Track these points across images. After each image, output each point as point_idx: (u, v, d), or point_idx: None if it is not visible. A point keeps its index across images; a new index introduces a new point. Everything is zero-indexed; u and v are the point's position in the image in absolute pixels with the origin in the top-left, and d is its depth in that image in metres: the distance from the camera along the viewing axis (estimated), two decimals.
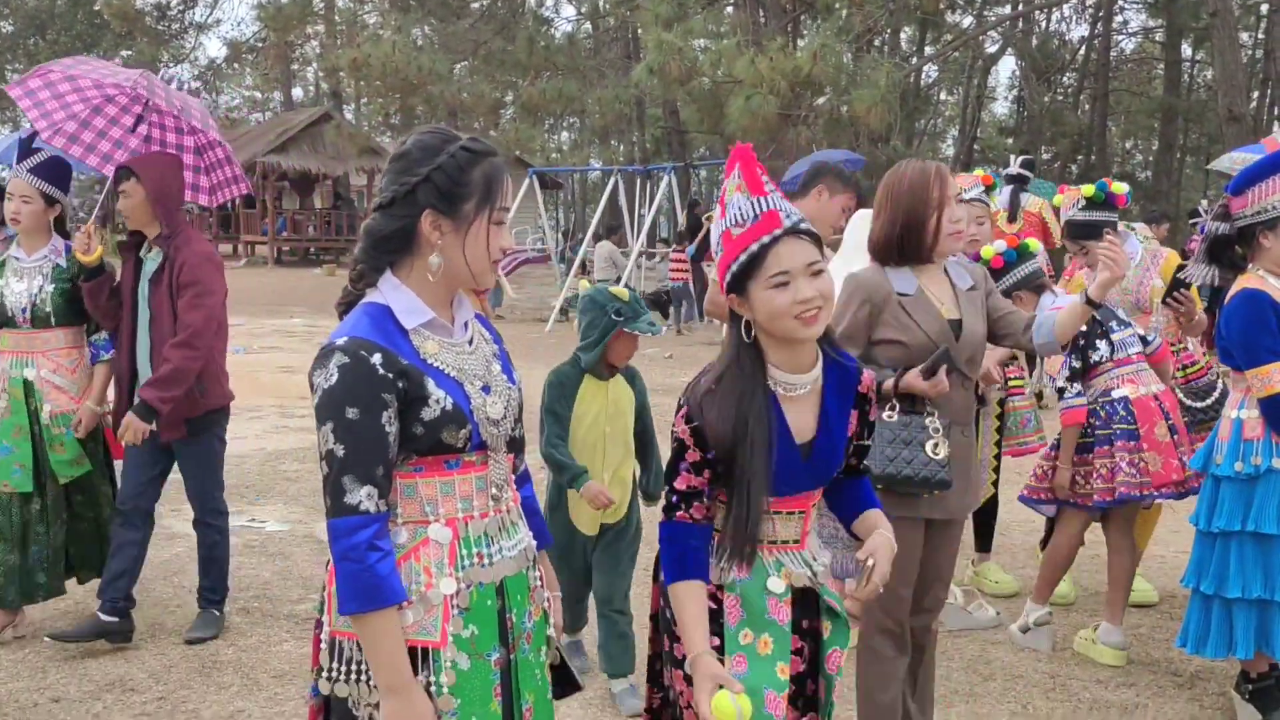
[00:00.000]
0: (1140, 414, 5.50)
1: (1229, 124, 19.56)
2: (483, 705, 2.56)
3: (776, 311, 2.81)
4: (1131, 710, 4.98)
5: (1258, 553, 4.56)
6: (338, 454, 2.44)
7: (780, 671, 2.93)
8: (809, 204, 6.08)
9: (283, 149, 38.75)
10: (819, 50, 20.10)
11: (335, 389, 2.44)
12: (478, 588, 2.58)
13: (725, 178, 2.96)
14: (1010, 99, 48.08)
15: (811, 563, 3.02)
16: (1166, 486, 5.46)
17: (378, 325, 2.53)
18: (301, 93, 61.71)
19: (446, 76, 26.46)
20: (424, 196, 2.55)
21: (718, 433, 2.84)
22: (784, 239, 2.83)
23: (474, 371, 2.61)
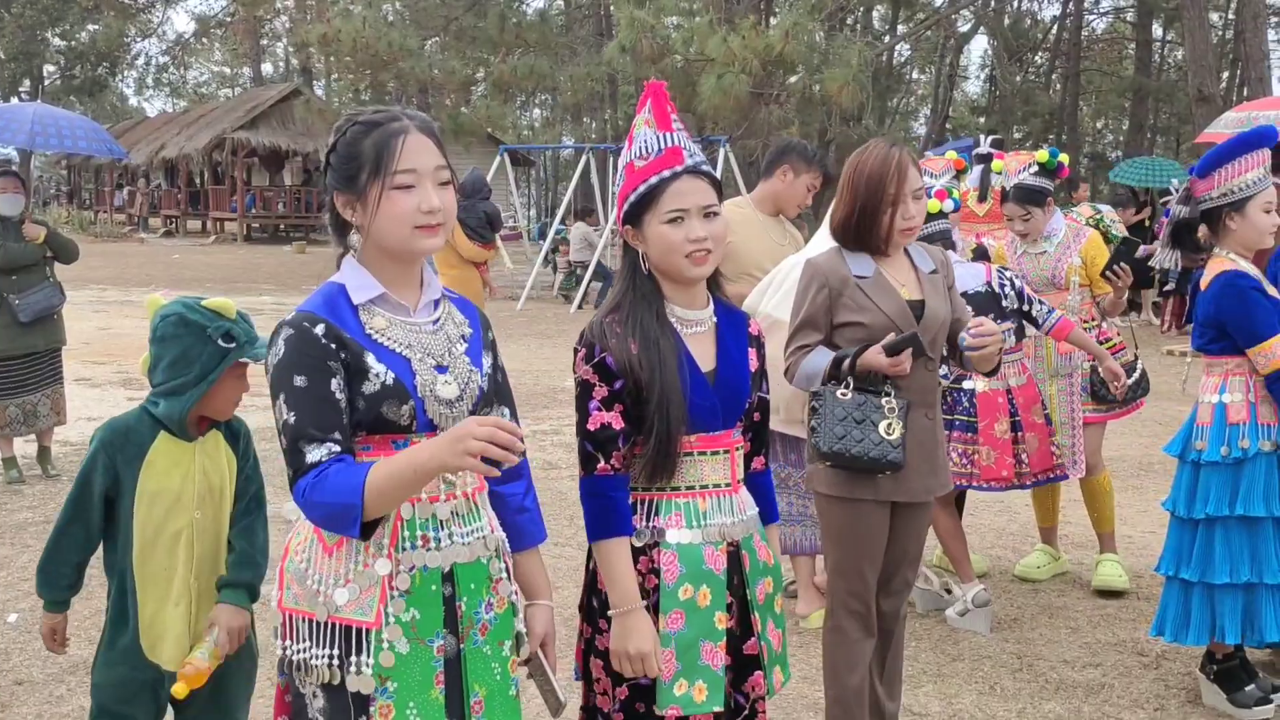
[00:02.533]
0: (982, 408, 5.70)
1: (1199, 104, 19.62)
2: (422, 692, 2.53)
3: (669, 247, 2.87)
4: (1097, 690, 5.00)
5: (1244, 536, 4.56)
6: (291, 421, 2.42)
7: (719, 621, 2.96)
8: (775, 184, 6.08)
9: (252, 125, 38.52)
10: (791, 29, 20.06)
11: (283, 361, 2.45)
12: (421, 571, 2.54)
13: (637, 113, 3.00)
14: (982, 78, 48.20)
15: (742, 512, 3.04)
16: (996, 480, 5.71)
17: (328, 301, 2.53)
18: (271, 68, 61.35)
19: (417, 53, 26.27)
20: (330, 180, 2.57)
21: (624, 358, 2.86)
22: (684, 176, 2.89)
23: (428, 349, 2.58)
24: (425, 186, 2.52)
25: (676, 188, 2.88)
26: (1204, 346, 4.71)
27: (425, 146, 2.54)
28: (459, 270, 10.80)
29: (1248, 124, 9.75)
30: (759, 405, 3.14)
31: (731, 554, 3.01)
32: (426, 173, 2.52)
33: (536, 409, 11.07)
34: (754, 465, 3.18)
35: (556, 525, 7.23)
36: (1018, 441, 5.72)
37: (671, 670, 2.91)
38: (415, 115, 2.59)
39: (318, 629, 2.52)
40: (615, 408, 2.89)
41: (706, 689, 2.92)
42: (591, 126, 40.18)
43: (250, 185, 40.26)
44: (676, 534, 2.94)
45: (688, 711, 2.92)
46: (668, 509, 2.96)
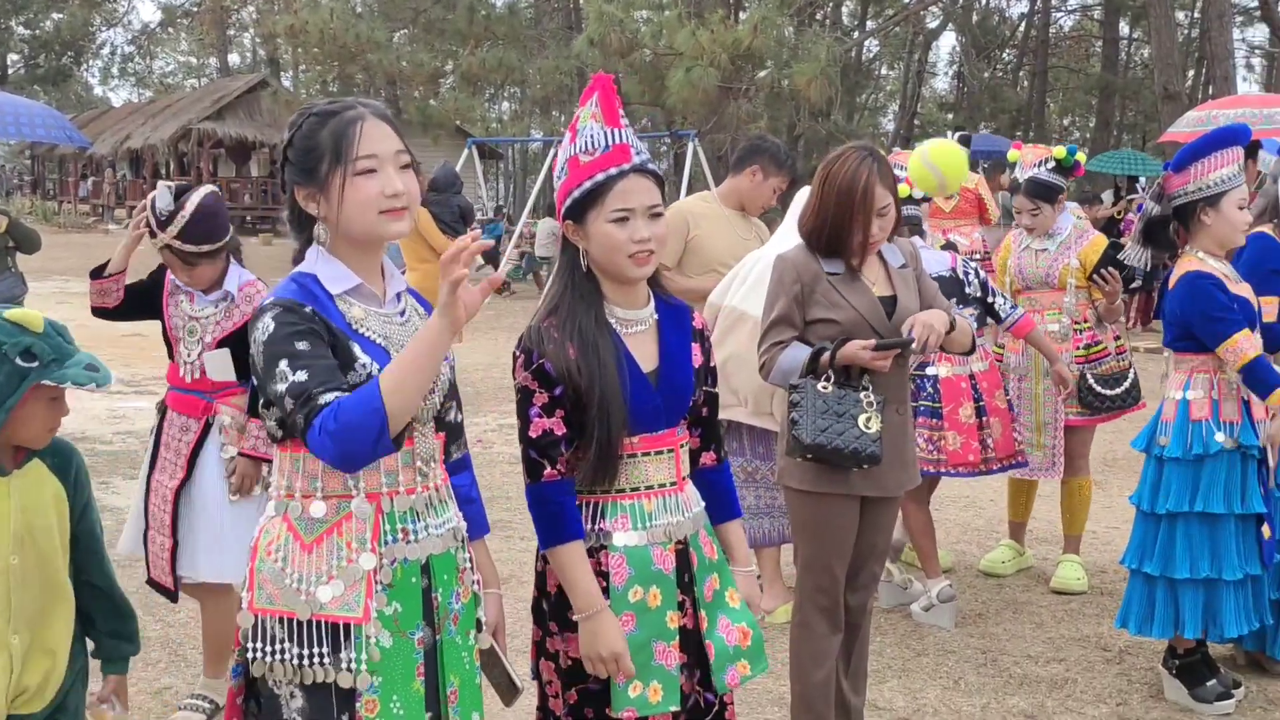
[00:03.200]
0: (946, 393, 5.72)
1: (1165, 102, 19.74)
2: (405, 684, 2.53)
3: (614, 246, 2.84)
4: (1061, 684, 5.02)
5: (1205, 532, 4.60)
6: (300, 379, 2.37)
7: (670, 621, 2.94)
8: (742, 182, 6.06)
9: (218, 116, 38.28)
10: (760, 23, 20.08)
11: (277, 333, 2.42)
12: (402, 564, 2.54)
13: (581, 105, 2.94)
14: (950, 74, 48.34)
15: (687, 510, 3.01)
16: (963, 465, 5.73)
17: (306, 289, 2.51)
18: (238, 59, 60.99)
19: (385, 44, 26.18)
20: (289, 175, 2.55)
21: (562, 363, 2.83)
22: (631, 175, 2.85)
23: (401, 341, 2.57)
24: (387, 170, 2.50)
25: (623, 186, 2.84)
26: (1171, 343, 4.75)
27: (383, 132, 2.53)
28: (431, 264, 10.76)
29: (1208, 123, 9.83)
30: (706, 400, 3.11)
31: (680, 552, 2.99)
32: (387, 157, 2.51)
33: (504, 403, 11.04)
34: (705, 461, 3.16)
35: (523, 520, 7.20)
36: (983, 426, 5.73)
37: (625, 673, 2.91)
38: (370, 103, 2.58)
39: (298, 628, 2.49)
40: (556, 413, 2.86)
41: (662, 689, 2.91)
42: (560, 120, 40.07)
43: (216, 176, 39.98)
44: (623, 536, 2.92)
45: (644, 713, 2.90)
46: (613, 511, 2.93)
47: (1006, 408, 5.85)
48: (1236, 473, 4.59)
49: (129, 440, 9.10)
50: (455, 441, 2.83)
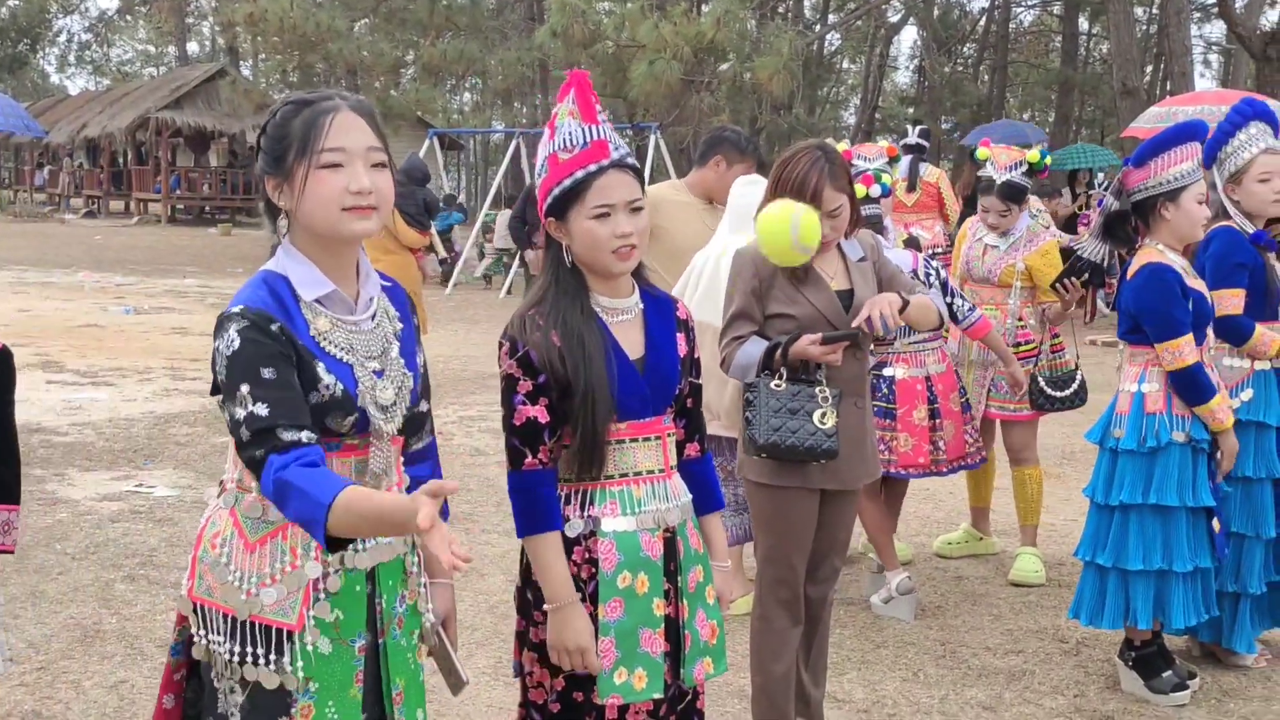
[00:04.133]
0: (901, 395, 5.77)
1: (1123, 97, 19.87)
2: (342, 690, 2.51)
3: (595, 242, 2.84)
4: (1019, 676, 5.05)
5: (1158, 525, 4.64)
6: (260, 413, 2.32)
7: (657, 608, 2.95)
8: (708, 173, 6.07)
9: (177, 105, 38.00)
10: (722, 16, 20.07)
11: (243, 353, 2.35)
12: (348, 573, 2.51)
13: (558, 102, 2.93)
14: (911, 69, 48.52)
15: (677, 498, 3.02)
16: (913, 467, 5.78)
17: (276, 295, 2.44)
18: (197, 47, 60.51)
19: (346, 34, 26.01)
20: (260, 165, 2.50)
21: (545, 352, 2.84)
22: (610, 170, 2.85)
23: (368, 352, 2.52)
24: (355, 166, 2.42)
25: (603, 182, 2.84)
26: (1125, 335, 4.80)
27: (357, 125, 2.45)
28: (396, 255, 10.73)
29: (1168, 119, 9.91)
30: (691, 391, 3.12)
31: (668, 540, 3.00)
32: (357, 152, 2.43)
33: (464, 395, 11.01)
34: (689, 452, 3.16)
35: (484, 512, 7.20)
36: (935, 429, 5.79)
37: (611, 659, 2.90)
38: (350, 96, 2.52)
39: (236, 626, 2.47)
40: (540, 401, 2.86)
41: (646, 676, 2.91)
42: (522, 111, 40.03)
43: (175, 166, 39.72)
44: (613, 522, 2.92)
45: (628, 700, 2.91)
46: (602, 497, 2.93)
47: (960, 410, 5.91)
48: (1189, 466, 4.63)
49: (85, 431, 9.02)
50: (416, 433, 2.78)
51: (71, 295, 17.75)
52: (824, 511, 4.06)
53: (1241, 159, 4.95)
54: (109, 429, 9.16)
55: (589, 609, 2.91)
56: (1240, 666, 5.13)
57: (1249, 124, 5.01)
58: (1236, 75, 25.66)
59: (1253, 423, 4.95)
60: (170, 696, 2.64)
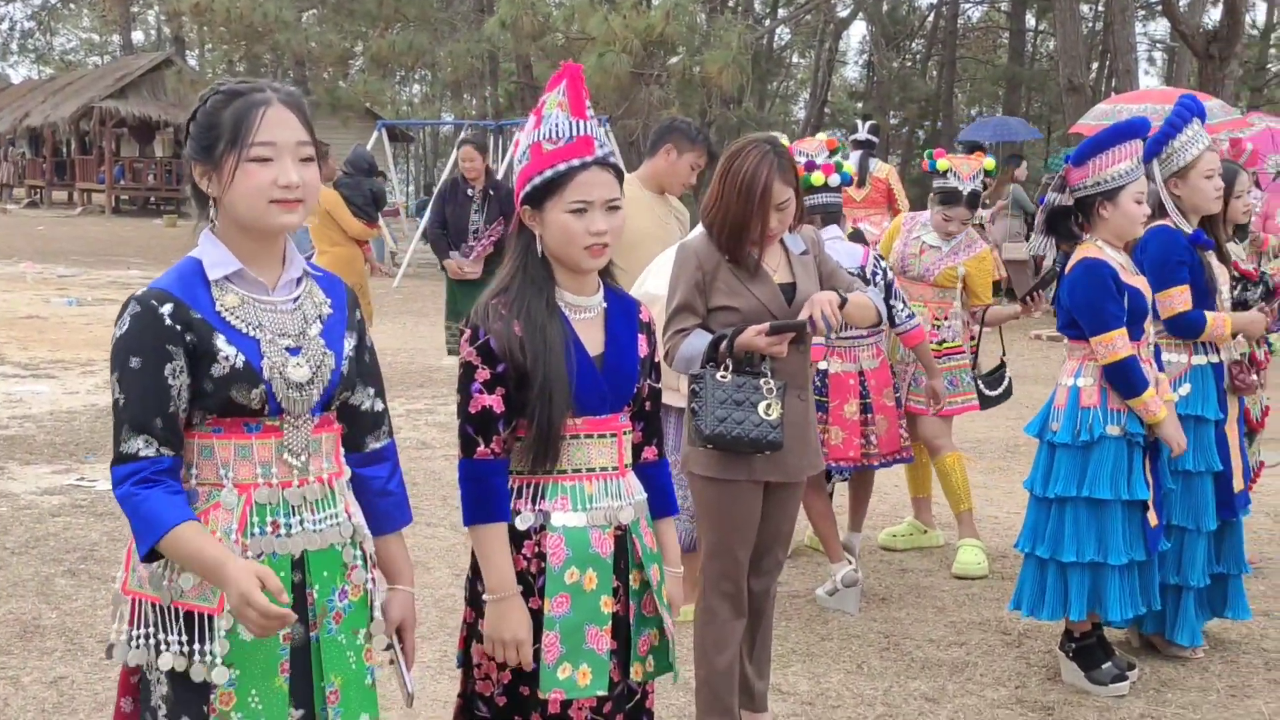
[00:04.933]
0: (834, 389, 5.81)
1: (1069, 94, 20.04)
2: (266, 679, 2.49)
3: (569, 237, 2.86)
4: (962, 668, 5.10)
5: (1091, 517, 4.70)
6: (120, 404, 2.41)
7: (604, 605, 2.95)
8: (659, 162, 6.09)
9: (121, 94, 37.57)
10: (672, 9, 20.09)
11: (122, 338, 2.43)
12: (270, 558, 2.50)
13: (548, 91, 2.94)
14: (860, 64, 48.69)
15: (630, 496, 3.02)
16: (843, 460, 5.83)
17: (183, 277, 2.49)
18: (142, 36, 59.83)
19: (293, 24, 25.83)
20: (188, 151, 2.51)
21: (506, 341, 2.84)
22: (593, 167, 2.87)
23: (281, 330, 2.52)
24: (284, 161, 2.45)
25: (584, 178, 2.86)
26: (1064, 329, 4.86)
27: (287, 120, 2.47)
28: (343, 248, 10.67)
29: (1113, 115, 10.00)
30: (650, 394, 3.12)
31: (619, 538, 3.00)
32: (286, 147, 2.45)
33: (411, 388, 10.97)
34: (647, 456, 3.16)
35: (429, 505, 7.18)
36: (867, 423, 5.84)
37: (555, 654, 2.90)
38: (281, 88, 2.52)
39: (163, 613, 2.47)
40: (497, 391, 2.86)
41: (590, 673, 2.91)
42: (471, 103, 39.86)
43: (119, 156, 39.27)
44: (563, 517, 2.92)
45: (571, 695, 2.91)
46: (554, 492, 2.93)
47: (894, 405, 5.97)
48: (1124, 459, 4.69)
49: (25, 425, 8.92)
50: (371, 432, 2.75)
51: (13, 286, 17.54)
52: (768, 504, 4.07)
53: (1189, 155, 5.02)
54: (50, 422, 9.06)
55: (537, 603, 2.91)
56: (1178, 657, 5.20)
57: (1193, 121, 5.08)
58: (1179, 73, 25.92)
59: (1191, 417, 5.02)
60: (129, 700, 2.62)
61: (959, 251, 6.39)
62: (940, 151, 6.60)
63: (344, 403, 2.67)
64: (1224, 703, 4.82)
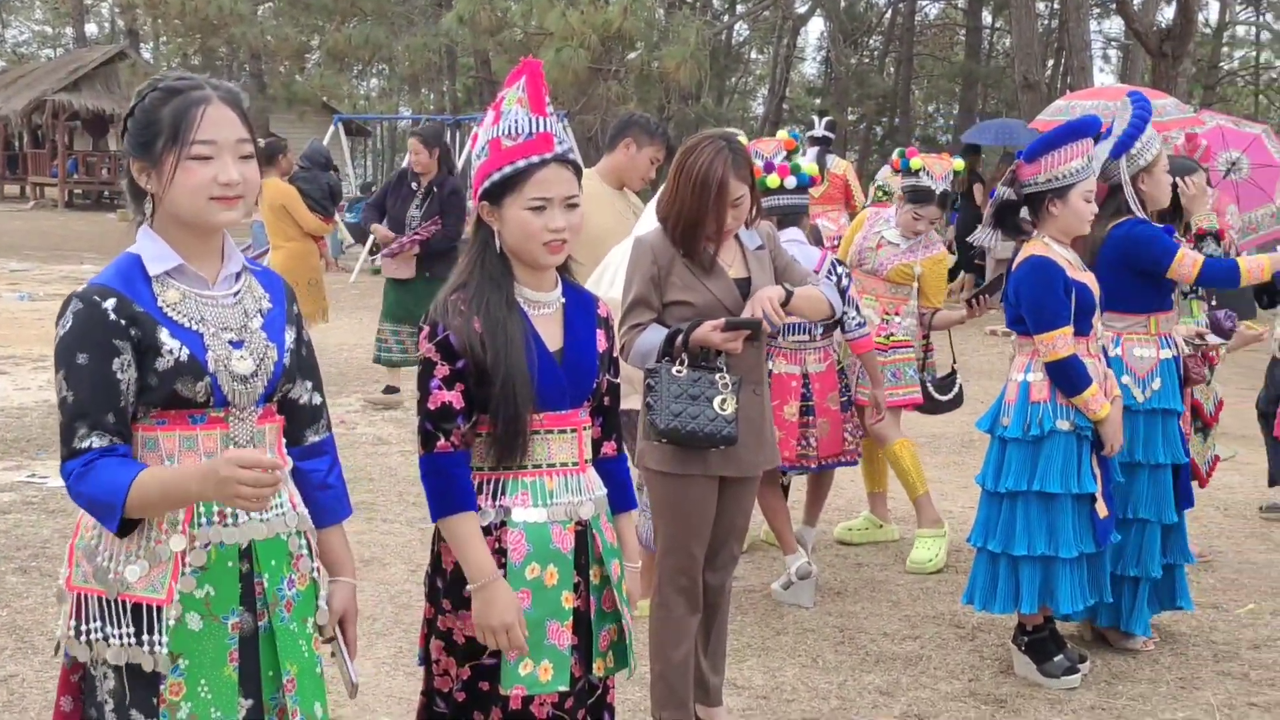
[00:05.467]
0: (775, 389, 5.71)
1: (1024, 91, 20.17)
2: (214, 669, 2.51)
3: (528, 234, 2.87)
4: (916, 661, 5.13)
5: (1042, 511, 4.74)
6: (69, 400, 2.41)
7: (565, 601, 2.96)
8: (618, 157, 6.09)
9: (75, 87, 37.14)
10: (630, 5, 20.06)
11: (67, 335, 2.43)
12: (217, 547, 2.51)
13: (506, 87, 2.95)
14: (818, 60, 48.83)
15: (590, 492, 3.04)
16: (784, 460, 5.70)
17: (123, 272, 2.50)
18: (96, 29, 59.19)
19: (249, 18, 25.62)
20: (126, 145, 2.52)
21: (465, 337, 2.84)
22: (552, 164, 2.88)
23: (223, 324, 2.54)
24: (224, 159, 2.48)
25: (543, 175, 2.87)
26: (1012, 325, 4.91)
27: (227, 118, 2.49)
28: (298, 243, 10.58)
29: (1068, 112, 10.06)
30: (608, 389, 3.13)
31: (580, 534, 3.01)
32: (226, 145, 2.48)
33: (367, 384, 10.91)
34: (605, 451, 3.17)
35: (385, 501, 7.16)
36: (807, 425, 5.86)
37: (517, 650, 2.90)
38: (220, 85, 2.54)
39: (108, 607, 2.48)
40: (456, 387, 2.86)
41: (552, 668, 2.93)
42: (429, 97, 39.69)
43: (72, 150, 38.86)
44: (523, 513, 2.93)
45: (533, 691, 2.91)
46: (514, 488, 2.94)
47: (839, 409, 5.98)
48: (1073, 454, 4.74)
49: None
50: (311, 426, 2.79)
51: None
52: (723, 499, 4.09)
53: (1154, 150, 5.10)
54: (1, 418, 8.97)
55: None
56: (1129, 650, 5.25)
57: (1153, 118, 5.17)
58: (1133, 71, 26.14)
59: (1160, 410, 5.09)
60: (68, 699, 2.62)
61: (916, 250, 6.43)
62: (913, 150, 6.63)
63: (284, 396, 2.70)
64: (1174, 694, 4.87)
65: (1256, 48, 41.42)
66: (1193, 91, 26.97)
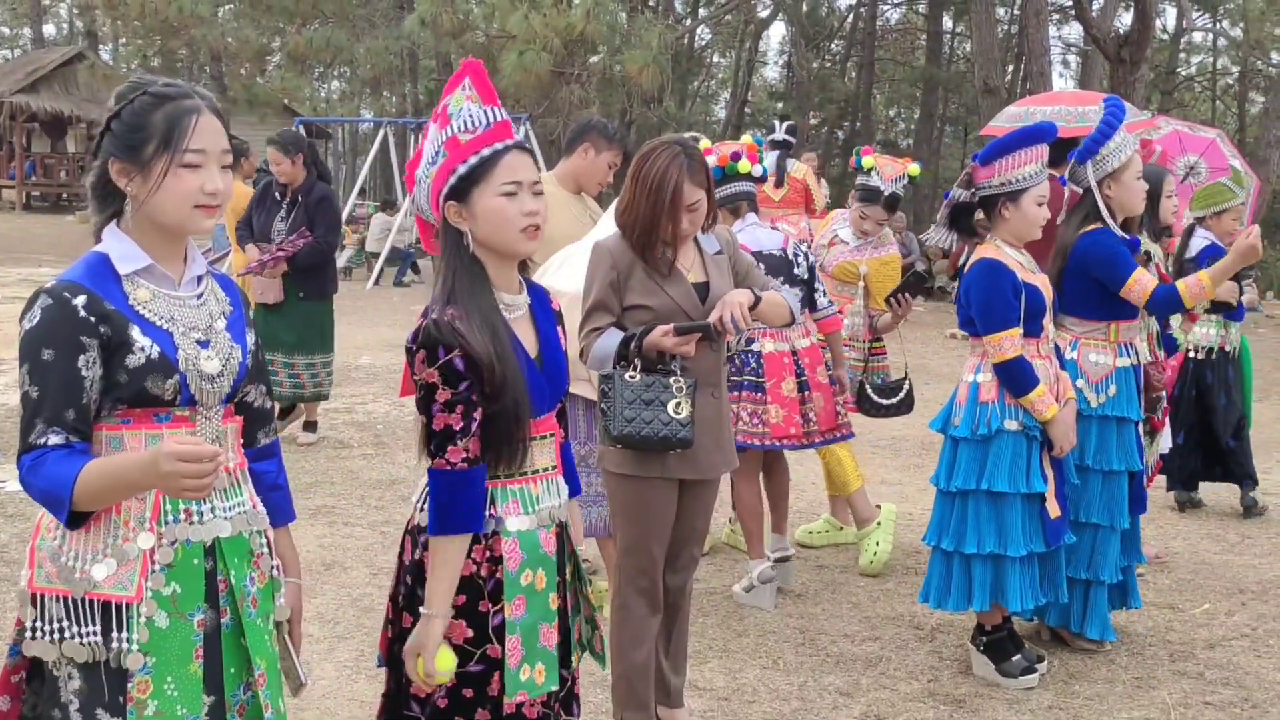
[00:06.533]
0: (769, 368, 5.78)
1: (985, 96, 20.31)
2: (181, 666, 2.53)
3: (505, 220, 2.86)
4: (876, 662, 5.16)
5: (991, 510, 4.79)
6: (32, 395, 2.43)
7: (552, 602, 3.00)
8: (576, 161, 6.10)
9: (33, 89, 36.83)
10: (592, 8, 20.08)
11: (34, 330, 2.44)
12: (184, 545, 2.54)
13: (447, 94, 2.94)
14: (780, 64, 48.96)
15: (563, 494, 3.09)
16: (785, 438, 5.78)
17: (93, 270, 2.51)
18: (54, 30, 58.72)
19: (210, 19, 25.49)
20: (107, 145, 2.53)
21: (477, 356, 2.80)
22: (515, 150, 2.89)
23: (191, 324, 2.58)
24: (211, 168, 2.53)
25: (510, 160, 2.87)
26: (964, 326, 4.96)
27: (215, 128, 2.55)
28: None
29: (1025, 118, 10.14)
30: None
31: (559, 535, 3.05)
32: (214, 155, 2.54)
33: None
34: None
35: (347, 505, 7.14)
36: (804, 400, 5.85)
37: (519, 657, 2.92)
38: (206, 95, 2.58)
39: (74, 606, 2.49)
40: (457, 409, 2.82)
41: (545, 670, 2.97)
42: (391, 100, 39.62)
43: (30, 152, 38.55)
44: (516, 521, 2.95)
45: (532, 695, 2.95)
46: (504, 496, 2.95)
47: (828, 382, 5.99)
48: (1022, 453, 4.79)
49: None
50: (263, 429, 2.84)
51: None
52: (683, 501, 4.11)
53: (1122, 157, 5.12)
54: None
55: (486, 607, 2.91)
56: (1086, 650, 5.30)
57: (1122, 124, 5.19)
58: (1092, 76, 26.32)
59: (1115, 417, 5.14)
60: (5, 698, 2.62)
61: (864, 250, 6.46)
62: (867, 149, 6.67)
63: (240, 398, 2.73)
64: (1129, 694, 4.92)
65: (1213, 54, 41.80)
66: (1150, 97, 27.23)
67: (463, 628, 2.91)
